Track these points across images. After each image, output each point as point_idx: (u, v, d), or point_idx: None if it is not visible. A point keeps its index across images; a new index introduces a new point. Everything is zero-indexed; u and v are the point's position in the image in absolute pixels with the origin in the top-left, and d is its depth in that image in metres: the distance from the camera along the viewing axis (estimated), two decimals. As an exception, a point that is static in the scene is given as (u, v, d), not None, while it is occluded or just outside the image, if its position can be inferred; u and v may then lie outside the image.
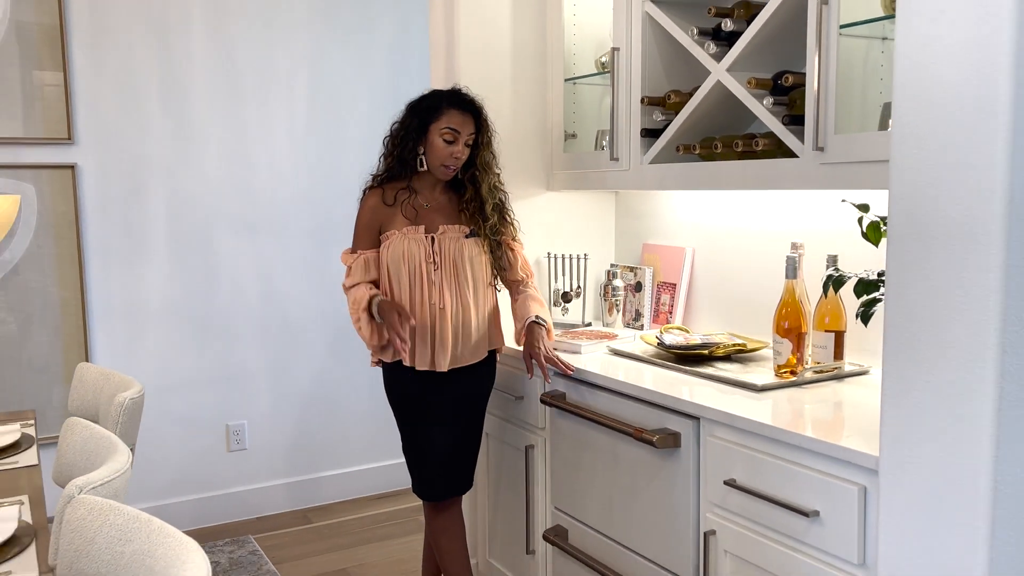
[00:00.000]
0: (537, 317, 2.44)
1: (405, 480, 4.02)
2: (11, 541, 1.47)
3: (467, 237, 2.41)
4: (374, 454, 4.02)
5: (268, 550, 3.47)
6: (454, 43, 2.81)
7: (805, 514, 1.68)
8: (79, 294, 3.37)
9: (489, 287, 2.46)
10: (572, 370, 2.33)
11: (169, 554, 1.16)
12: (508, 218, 2.49)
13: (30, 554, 1.44)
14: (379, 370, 2.55)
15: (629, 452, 2.16)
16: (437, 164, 2.37)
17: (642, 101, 2.49)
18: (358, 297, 2.37)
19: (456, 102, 2.36)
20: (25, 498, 1.67)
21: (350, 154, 3.80)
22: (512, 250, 2.51)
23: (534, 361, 2.40)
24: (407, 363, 2.37)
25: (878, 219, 1.86)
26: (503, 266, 2.49)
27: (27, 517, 1.61)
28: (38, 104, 3.25)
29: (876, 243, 1.87)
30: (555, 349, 2.46)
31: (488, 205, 2.41)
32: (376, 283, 2.42)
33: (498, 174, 2.46)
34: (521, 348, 2.47)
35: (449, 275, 2.38)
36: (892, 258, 1.47)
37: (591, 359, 2.43)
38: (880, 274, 1.83)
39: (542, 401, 2.42)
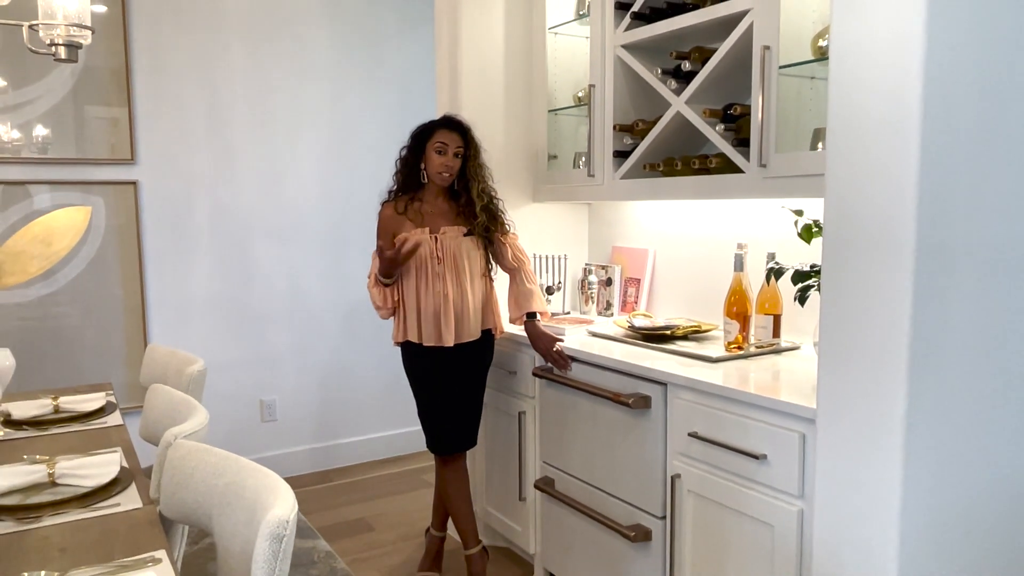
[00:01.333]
0: (528, 314, 2.50)
1: (412, 445, 4.07)
2: (114, 482, 1.51)
3: (465, 236, 2.48)
4: (385, 423, 4.06)
5: (298, 504, 3.48)
6: (457, 80, 2.88)
7: (755, 457, 1.76)
8: (139, 289, 3.38)
9: (483, 277, 2.53)
10: (569, 368, 2.37)
11: (258, 485, 1.21)
12: (498, 217, 2.54)
13: (132, 491, 1.47)
14: (387, 351, 2.61)
15: (607, 413, 2.23)
16: (434, 172, 2.46)
17: (614, 128, 2.57)
18: (370, 272, 2.50)
19: (444, 123, 2.49)
20: (118, 449, 1.70)
21: (361, 177, 3.84)
22: (503, 243, 2.55)
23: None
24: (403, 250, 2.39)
25: (811, 222, 1.95)
26: (498, 256, 2.55)
27: (124, 463, 1.64)
28: (108, 131, 3.26)
29: (809, 241, 1.96)
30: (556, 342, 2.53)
31: (477, 206, 2.48)
32: None
33: (487, 180, 2.52)
34: (517, 328, 2.57)
35: (450, 268, 2.45)
36: (827, 251, 1.54)
37: (573, 340, 2.50)
38: (813, 266, 1.92)
39: (533, 374, 2.49)
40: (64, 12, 1.73)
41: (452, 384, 2.51)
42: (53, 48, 1.80)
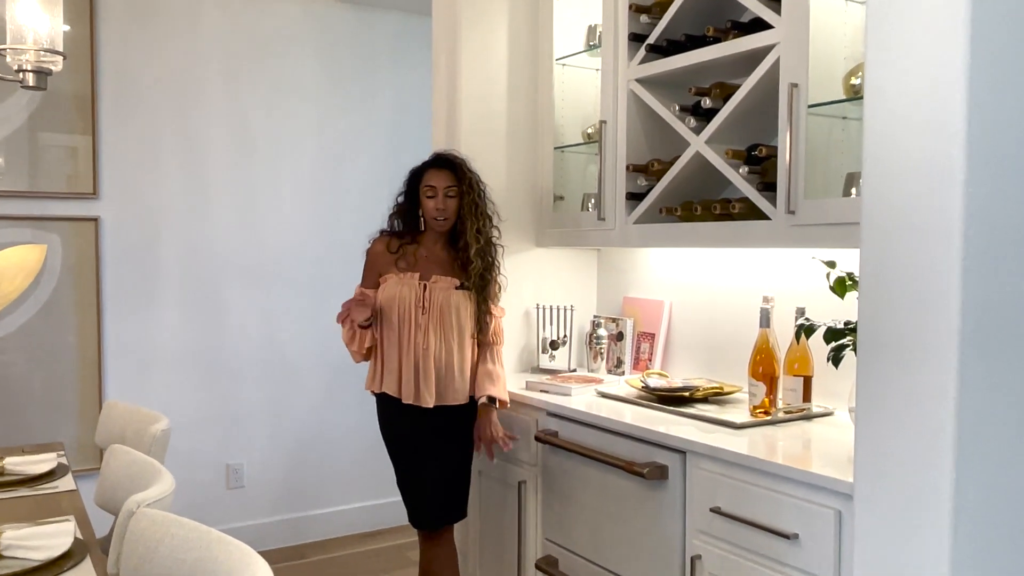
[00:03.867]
0: (488, 397, 2.50)
1: (395, 518, 4.03)
2: (66, 555, 1.50)
3: (457, 288, 2.50)
4: (367, 492, 4.03)
5: (266, 583, 3.44)
6: (455, 114, 2.93)
7: (786, 536, 1.75)
8: (96, 338, 3.39)
9: (473, 338, 2.54)
10: (509, 448, 2.49)
11: (231, 560, 1.20)
12: (493, 274, 2.56)
13: (87, 566, 1.46)
14: (372, 409, 2.61)
15: (619, 484, 2.23)
16: (430, 219, 2.52)
17: (627, 168, 2.62)
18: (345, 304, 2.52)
19: (433, 163, 2.55)
20: (71, 518, 1.69)
21: (347, 214, 3.89)
22: (490, 313, 2.57)
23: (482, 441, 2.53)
24: (363, 319, 2.46)
25: (844, 274, 1.98)
26: (479, 325, 2.55)
27: (77, 534, 1.63)
28: (68, 162, 3.31)
29: (842, 295, 1.99)
30: (544, 391, 2.56)
31: (472, 249, 2.50)
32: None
33: (488, 218, 2.54)
34: (516, 387, 2.60)
35: (435, 320, 2.47)
36: (864, 308, 1.56)
37: (580, 400, 2.50)
38: (847, 323, 1.94)
39: (536, 439, 2.49)
40: (35, 36, 1.78)
41: (435, 448, 2.51)
42: (21, 75, 1.84)
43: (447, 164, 2.55)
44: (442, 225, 2.52)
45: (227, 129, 3.64)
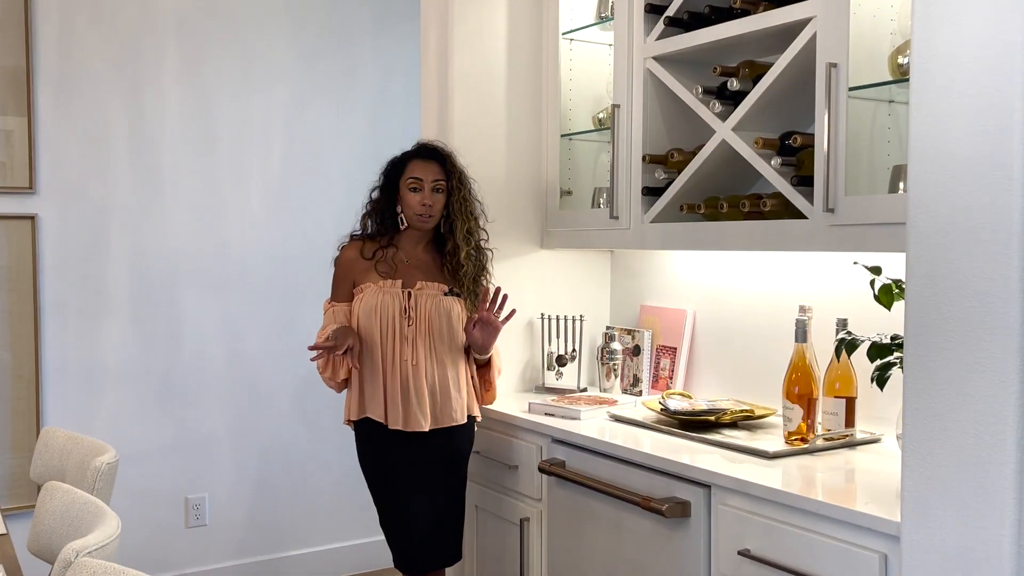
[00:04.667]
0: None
1: (379, 560, 4.04)
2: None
3: (446, 295, 2.52)
4: (346, 532, 4.04)
5: (230, 636, 3.45)
6: (447, 98, 2.95)
7: (824, 583, 1.77)
8: (33, 354, 3.41)
9: (465, 352, 2.57)
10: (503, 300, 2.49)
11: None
12: (485, 282, 2.62)
13: (21, 621, 1.48)
14: (352, 435, 2.63)
15: (634, 523, 2.24)
16: (413, 216, 2.54)
17: (644, 159, 2.63)
18: (319, 330, 2.55)
19: (417, 153, 2.58)
20: (0, 568, 1.70)
21: (327, 210, 3.90)
22: None
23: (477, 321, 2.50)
24: (339, 378, 2.51)
25: (890, 282, 2.00)
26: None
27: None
28: (0, 150, 3.34)
29: (889, 306, 2.00)
30: (549, 414, 2.57)
31: (462, 252, 2.54)
32: None
33: (476, 220, 2.60)
34: (518, 409, 2.65)
35: (423, 331, 2.49)
36: (911, 322, 1.58)
37: (590, 425, 2.52)
38: (894, 338, 1.95)
39: (540, 470, 2.50)
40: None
41: (426, 480, 2.52)
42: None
43: (434, 155, 2.57)
44: (426, 224, 2.54)
45: (185, 114, 3.67)
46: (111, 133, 3.54)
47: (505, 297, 2.50)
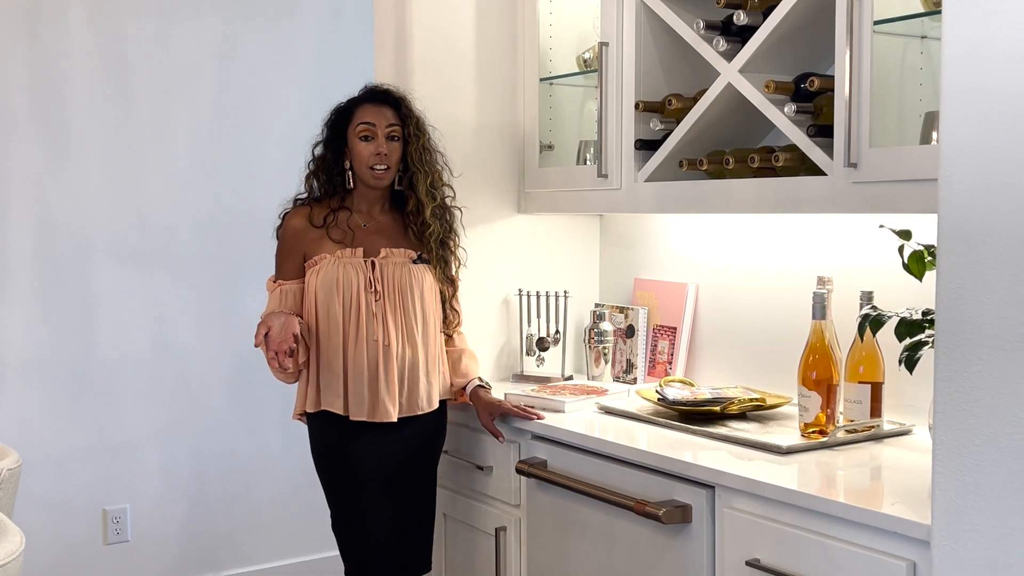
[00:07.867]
0: (480, 380, 2.65)
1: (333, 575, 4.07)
2: None
3: (415, 263, 2.53)
4: (293, 547, 4.05)
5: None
6: (406, 35, 2.93)
7: (845, 597, 1.79)
8: (-79, 343, 3.39)
9: (437, 328, 2.59)
10: (542, 417, 2.51)
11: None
12: (453, 244, 2.64)
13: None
14: (299, 433, 2.63)
15: (628, 530, 2.25)
16: (365, 170, 2.52)
17: (636, 107, 2.63)
18: (264, 313, 2.52)
19: (366, 97, 2.57)
20: None
21: (267, 170, 3.87)
22: (456, 299, 2.67)
23: (501, 419, 2.56)
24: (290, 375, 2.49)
25: (922, 248, 2.00)
26: (444, 316, 2.64)
27: None
28: None
29: (920, 276, 2.01)
30: (529, 407, 2.58)
31: (427, 209, 2.54)
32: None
33: (439, 173, 2.61)
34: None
35: (394, 306, 2.49)
36: (942, 294, 1.59)
37: (576, 418, 2.52)
38: (926, 313, 1.96)
39: (518, 471, 2.51)
40: None
41: (391, 479, 2.53)
42: None
43: (386, 99, 2.56)
44: (381, 178, 2.52)
45: (96, 59, 3.63)
46: (6, 81, 3.49)
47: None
